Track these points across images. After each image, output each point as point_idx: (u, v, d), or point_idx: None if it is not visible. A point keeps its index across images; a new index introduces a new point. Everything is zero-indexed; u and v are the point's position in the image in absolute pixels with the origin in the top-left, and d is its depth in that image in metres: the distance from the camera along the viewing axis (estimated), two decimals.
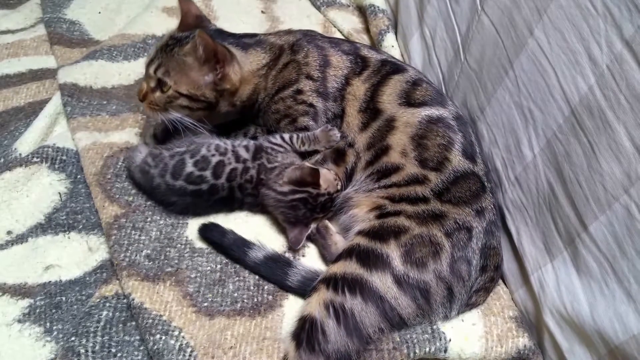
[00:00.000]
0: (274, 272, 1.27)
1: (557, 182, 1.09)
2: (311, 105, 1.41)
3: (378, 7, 2.04)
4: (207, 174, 1.33)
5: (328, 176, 1.35)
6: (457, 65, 1.51)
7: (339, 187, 1.37)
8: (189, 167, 1.33)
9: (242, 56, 1.41)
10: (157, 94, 1.36)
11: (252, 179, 1.36)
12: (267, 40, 1.48)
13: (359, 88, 1.40)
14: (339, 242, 1.33)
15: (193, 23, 1.44)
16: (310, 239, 1.38)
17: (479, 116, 1.38)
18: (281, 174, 1.35)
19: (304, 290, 1.22)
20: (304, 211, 1.34)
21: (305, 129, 1.43)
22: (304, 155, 1.43)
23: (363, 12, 2.12)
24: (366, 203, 1.29)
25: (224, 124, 1.51)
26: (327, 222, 1.37)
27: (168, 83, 1.34)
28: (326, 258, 1.33)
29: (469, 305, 1.23)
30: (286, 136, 1.42)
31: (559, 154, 1.07)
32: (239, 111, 1.48)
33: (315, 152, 1.42)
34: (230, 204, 1.39)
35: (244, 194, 1.38)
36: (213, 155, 1.36)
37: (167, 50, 1.35)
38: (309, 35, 1.52)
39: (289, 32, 1.54)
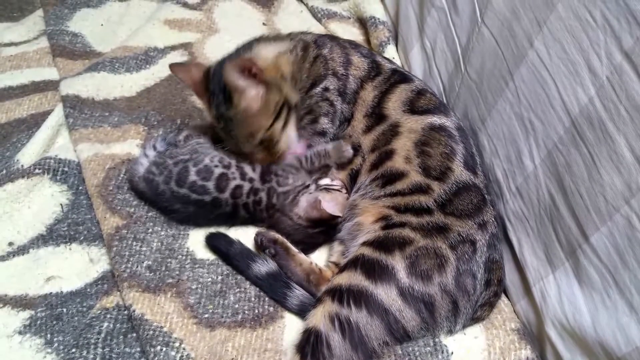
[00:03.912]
0: (275, 290, 1.27)
1: (558, 192, 1.09)
2: (332, 104, 1.41)
3: (378, 19, 2.05)
4: (210, 185, 1.33)
5: (342, 200, 1.35)
6: (457, 76, 1.52)
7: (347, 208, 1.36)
8: (192, 176, 1.34)
9: (250, 55, 1.39)
10: (262, 154, 1.37)
11: (261, 202, 1.36)
12: (274, 35, 1.49)
13: (369, 94, 1.41)
14: (303, 262, 1.30)
15: (204, 84, 1.38)
16: (271, 256, 1.33)
17: (479, 127, 1.38)
18: (295, 200, 1.35)
19: (303, 312, 1.21)
20: (323, 237, 1.38)
21: (322, 133, 1.43)
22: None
23: (364, 23, 2.13)
24: (372, 212, 1.29)
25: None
26: (287, 242, 1.33)
27: (258, 136, 1.33)
28: (292, 279, 1.29)
29: (474, 320, 1.23)
30: (291, 166, 1.41)
31: (559, 164, 1.07)
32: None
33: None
34: (233, 220, 1.39)
35: (250, 214, 1.37)
36: (216, 166, 1.36)
37: (228, 129, 1.34)
38: (327, 35, 1.54)
39: (303, 32, 1.54)
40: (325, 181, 1.40)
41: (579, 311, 1.04)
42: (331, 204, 1.30)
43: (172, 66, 1.41)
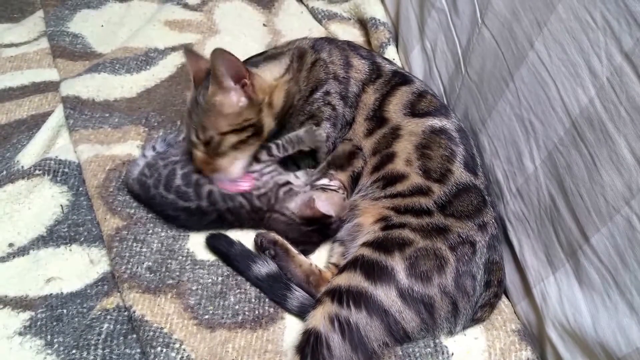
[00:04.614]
0: (275, 291, 1.26)
1: (558, 193, 1.09)
2: (334, 108, 1.41)
3: (379, 20, 2.05)
4: (190, 191, 1.33)
5: (337, 200, 1.34)
6: (458, 77, 1.52)
7: (348, 209, 1.35)
8: (178, 180, 1.33)
9: (256, 71, 1.38)
10: (202, 155, 1.34)
11: (243, 206, 1.35)
12: (277, 51, 1.48)
13: (370, 97, 1.40)
14: (303, 263, 1.30)
15: (205, 76, 1.37)
16: (271, 257, 1.32)
17: (480, 128, 1.38)
18: (286, 196, 1.35)
19: (303, 313, 1.21)
20: (318, 237, 1.37)
21: (326, 138, 1.42)
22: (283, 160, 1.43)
23: (364, 25, 2.13)
24: (372, 213, 1.29)
25: None
26: (287, 244, 1.33)
27: (209, 133, 1.31)
28: (292, 281, 1.29)
29: (474, 321, 1.23)
30: (263, 156, 1.40)
31: (560, 165, 1.07)
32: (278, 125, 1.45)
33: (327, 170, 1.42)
34: (226, 225, 1.38)
35: (237, 219, 1.36)
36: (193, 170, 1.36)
37: (191, 112, 1.34)
38: (325, 38, 1.53)
39: (300, 39, 1.53)
40: (322, 181, 1.39)
41: (579, 312, 1.04)
42: (325, 203, 1.30)
43: (187, 50, 1.40)
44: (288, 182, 1.39)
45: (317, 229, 1.35)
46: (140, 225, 1.37)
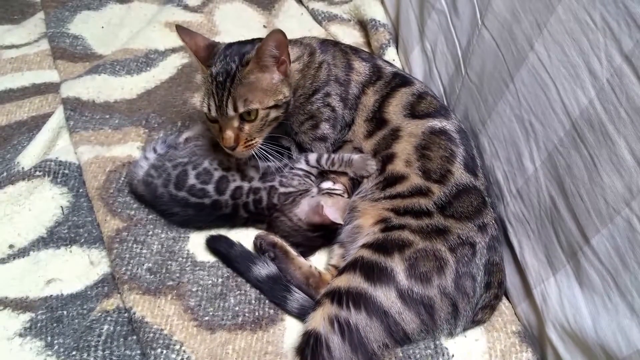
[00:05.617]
0: (275, 293, 1.26)
1: (558, 195, 1.09)
2: (334, 110, 1.41)
3: (379, 21, 2.05)
4: (210, 188, 1.33)
5: (343, 205, 1.35)
6: (458, 78, 1.52)
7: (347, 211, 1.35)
8: (192, 179, 1.34)
9: None
10: (247, 126, 1.29)
11: (262, 201, 1.36)
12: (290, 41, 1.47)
13: (369, 98, 1.41)
14: (303, 265, 1.30)
15: (208, 54, 1.33)
16: (271, 259, 1.32)
17: (480, 129, 1.38)
18: (295, 202, 1.35)
19: (303, 315, 1.21)
20: (322, 241, 1.37)
21: (323, 138, 1.43)
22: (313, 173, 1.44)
23: (364, 26, 2.14)
24: (371, 214, 1.29)
25: None
26: (286, 246, 1.32)
27: (254, 107, 1.26)
28: (292, 282, 1.28)
29: (474, 322, 1.23)
30: (312, 159, 1.41)
31: (560, 167, 1.07)
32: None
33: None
34: (233, 221, 1.39)
35: (250, 213, 1.37)
36: (216, 169, 1.36)
37: (225, 85, 1.25)
38: (331, 41, 1.54)
39: (309, 37, 1.53)
40: (327, 184, 1.39)
41: (579, 314, 1.04)
42: (333, 209, 1.30)
43: (180, 28, 1.34)
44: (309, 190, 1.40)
45: (321, 235, 1.35)
46: (140, 226, 1.38)
